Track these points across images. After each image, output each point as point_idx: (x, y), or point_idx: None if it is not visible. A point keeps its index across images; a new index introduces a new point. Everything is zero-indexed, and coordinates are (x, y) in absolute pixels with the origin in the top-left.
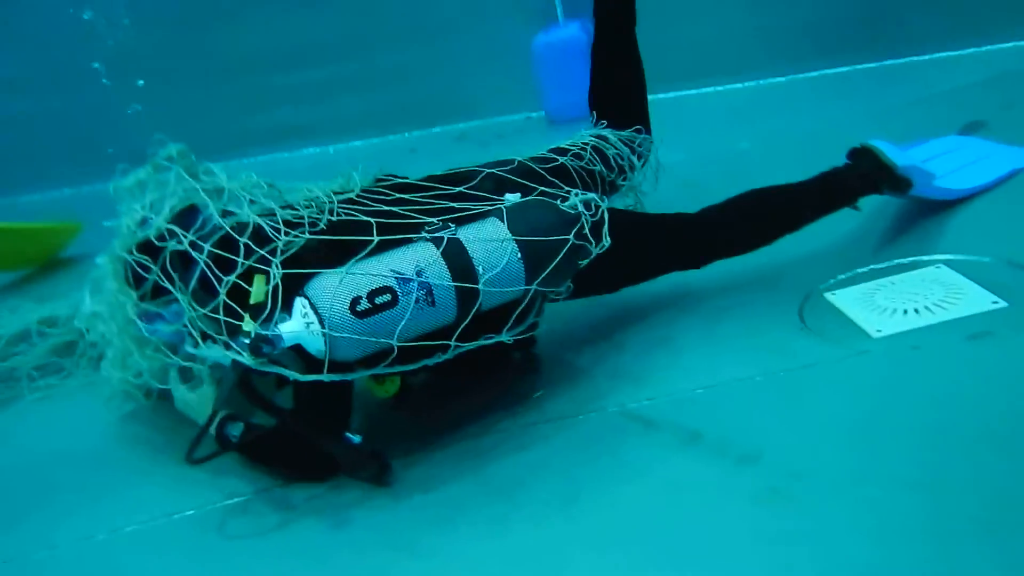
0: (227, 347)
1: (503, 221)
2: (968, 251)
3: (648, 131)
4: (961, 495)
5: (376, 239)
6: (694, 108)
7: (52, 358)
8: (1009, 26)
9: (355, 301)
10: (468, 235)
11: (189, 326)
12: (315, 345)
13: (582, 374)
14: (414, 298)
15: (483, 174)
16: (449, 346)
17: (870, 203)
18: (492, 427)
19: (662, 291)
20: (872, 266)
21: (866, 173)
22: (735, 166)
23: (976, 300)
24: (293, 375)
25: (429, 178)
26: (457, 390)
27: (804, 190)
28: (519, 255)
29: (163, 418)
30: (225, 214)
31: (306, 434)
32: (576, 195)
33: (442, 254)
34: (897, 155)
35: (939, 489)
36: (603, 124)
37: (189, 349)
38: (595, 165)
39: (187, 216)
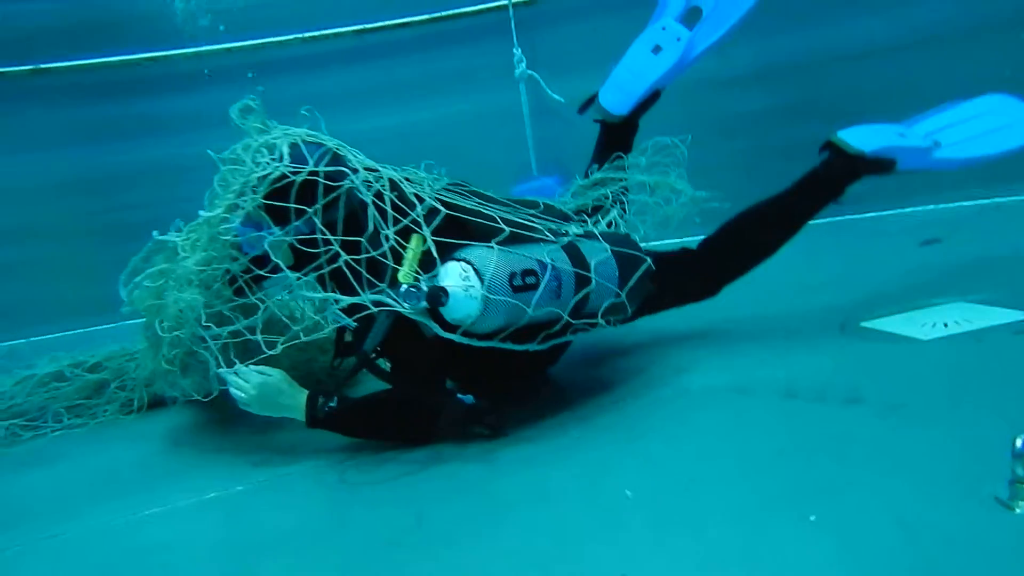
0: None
1: (600, 239)
2: (983, 293)
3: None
4: None
5: (508, 230)
6: None
7: (80, 399)
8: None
9: (512, 275)
10: (583, 244)
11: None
12: (464, 308)
13: (644, 372)
14: (549, 286)
15: (541, 205)
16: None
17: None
18: (575, 413)
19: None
20: (893, 308)
21: (839, 166)
22: None
23: (1006, 315)
24: (436, 328)
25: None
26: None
27: (789, 197)
28: (615, 264)
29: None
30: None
31: (423, 397)
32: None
33: (567, 252)
34: (866, 141)
35: None
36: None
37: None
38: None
39: (336, 160)
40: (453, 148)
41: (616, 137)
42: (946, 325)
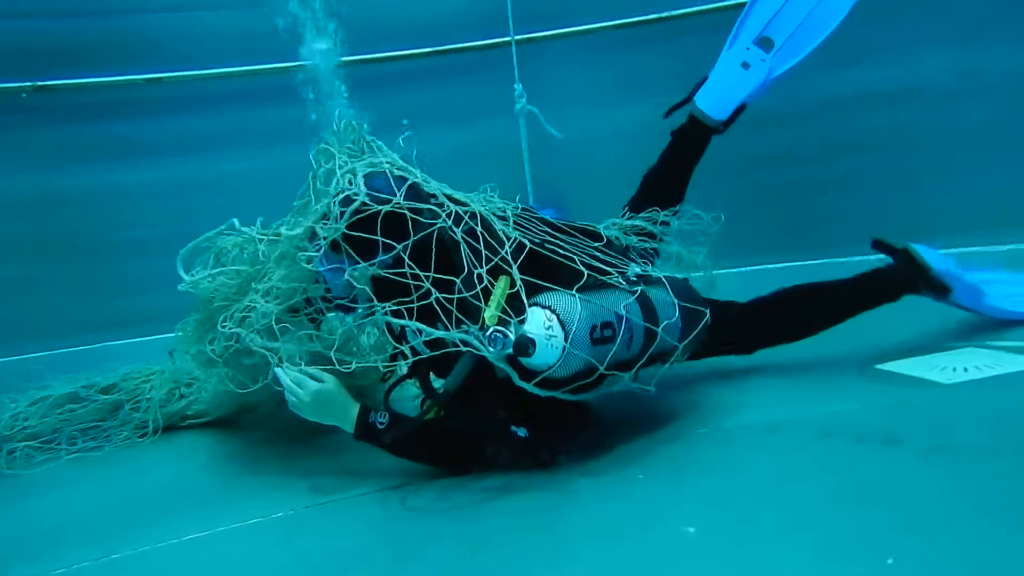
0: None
1: (666, 287)
2: (997, 339)
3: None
4: None
5: (587, 273)
6: None
7: (95, 421)
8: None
9: (593, 328)
10: (651, 293)
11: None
12: (544, 358)
13: (683, 408)
14: (622, 338)
15: (604, 238)
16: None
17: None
18: (624, 448)
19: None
20: (905, 351)
21: (903, 272)
22: None
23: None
24: (513, 375)
25: (564, 223)
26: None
27: (847, 288)
28: (679, 316)
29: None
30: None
31: (477, 428)
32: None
33: (640, 304)
34: (935, 260)
35: None
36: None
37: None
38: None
39: (417, 192)
40: (451, 180)
41: (690, 148)
42: (966, 369)
